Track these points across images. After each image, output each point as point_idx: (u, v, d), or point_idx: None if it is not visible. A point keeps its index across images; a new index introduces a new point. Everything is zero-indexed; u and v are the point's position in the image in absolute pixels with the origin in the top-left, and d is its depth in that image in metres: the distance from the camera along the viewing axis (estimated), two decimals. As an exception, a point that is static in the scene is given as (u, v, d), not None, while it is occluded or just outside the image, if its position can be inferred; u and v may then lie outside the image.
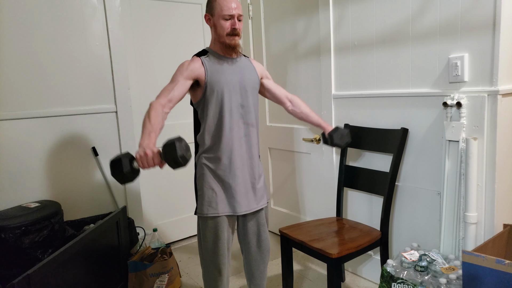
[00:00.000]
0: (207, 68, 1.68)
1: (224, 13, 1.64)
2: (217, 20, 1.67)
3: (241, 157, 1.75)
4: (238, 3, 1.67)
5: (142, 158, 1.41)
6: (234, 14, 1.64)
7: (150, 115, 1.55)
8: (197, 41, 3.00)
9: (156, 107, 1.57)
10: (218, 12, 1.65)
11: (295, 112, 1.97)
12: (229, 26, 1.65)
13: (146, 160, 1.41)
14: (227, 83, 1.69)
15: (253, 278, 1.91)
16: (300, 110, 1.96)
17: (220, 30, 1.67)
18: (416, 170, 1.96)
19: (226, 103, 1.69)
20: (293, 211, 2.89)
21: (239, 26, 1.67)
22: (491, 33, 1.59)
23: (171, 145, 1.39)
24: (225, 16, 1.64)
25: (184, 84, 1.66)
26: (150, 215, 2.87)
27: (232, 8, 1.64)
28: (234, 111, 1.71)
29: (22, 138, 2.22)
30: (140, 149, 1.44)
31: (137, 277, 2.17)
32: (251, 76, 1.78)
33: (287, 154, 2.84)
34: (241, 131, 1.74)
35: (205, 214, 1.72)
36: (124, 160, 1.39)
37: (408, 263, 1.60)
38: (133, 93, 2.70)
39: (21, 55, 2.19)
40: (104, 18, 2.45)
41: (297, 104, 1.97)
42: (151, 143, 1.46)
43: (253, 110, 1.77)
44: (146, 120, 1.54)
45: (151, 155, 1.41)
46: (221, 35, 1.67)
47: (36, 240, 1.87)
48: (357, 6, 2.11)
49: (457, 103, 1.67)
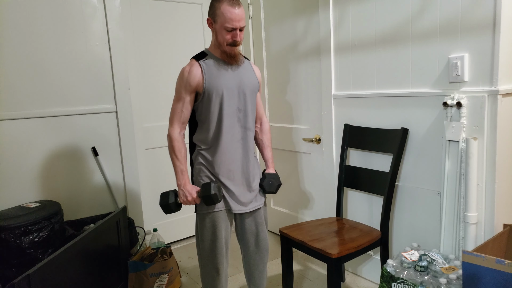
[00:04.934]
0: (205, 73, 1.68)
1: (227, 24, 1.62)
2: (219, 29, 1.65)
3: (237, 160, 1.76)
4: (242, 15, 1.64)
5: (185, 202, 1.73)
6: (237, 27, 1.63)
7: (175, 150, 1.72)
8: (197, 41, 3.00)
9: (176, 138, 1.72)
10: (221, 22, 1.63)
11: (256, 135, 1.94)
12: (230, 38, 1.65)
13: (187, 200, 1.71)
14: (226, 87, 1.70)
15: (253, 277, 1.91)
16: (261, 137, 1.94)
17: (221, 39, 1.66)
18: (416, 170, 1.96)
19: (224, 107, 1.70)
20: (293, 211, 2.89)
21: (240, 37, 1.66)
22: (491, 33, 1.59)
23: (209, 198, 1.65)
24: (228, 28, 1.63)
25: (189, 100, 1.72)
26: (150, 215, 2.87)
27: (236, 20, 1.62)
28: (231, 115, 1.72)
29: (22, 138, 2.22)
30: (180, 192, 1.72)
31: (137, 277, 2.17)
32: (250, 80, 1.78)
33: (287, 154, 2.84)
34: (238, 134, 1.76)
35: (205, 211, 1.72)
36: (171, 205, 1.72)
37: (408, 263, 1.60)
38: (133, 93, 2.70)
39: (21, 55, 2.19)
40: (104, 18, 2.45)
41: (264, 130, 1.94)
42: (187, 184, 1.72)
43: (250, 114, 1.78)
44: (173, 156, 1.72)
45: (192, 200, 1.71)
46: (222, 44, 1.67)
47: (36, 240, 1.87)
48: (357, 6, 2.11)
49: (457, 103, 1.67)
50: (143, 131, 2.78)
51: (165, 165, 2.90)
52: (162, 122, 2.86)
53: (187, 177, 1.72)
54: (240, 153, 1.77)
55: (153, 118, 2.82)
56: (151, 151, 2.83)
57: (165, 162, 2.90)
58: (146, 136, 2.80)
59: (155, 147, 2.85)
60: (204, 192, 1.64)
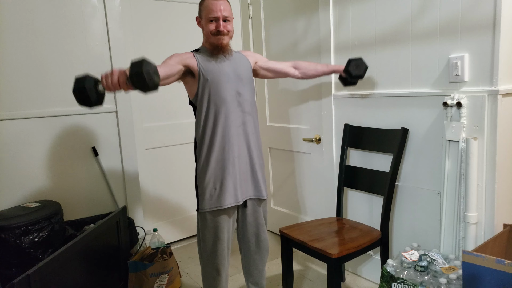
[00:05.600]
0: (198, 59, 1.73)
1: (209, 15, 1.70)
2: (205, 23, 1.74)
3: (239, 146, 1.76)
4: (225, 5, 1.71)
5: (107, 77, 1.34)
6: (218, 16, 1.69)
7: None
8: (196, 41, 3.00)
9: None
10: (205, 15, 1.72)
11: (306, 75, 2.02)
12: (214, 28, 1.71)
13: (111, 79, 1.33)
14: (221, 73, 1.73)
15: (252, 277, 1.91)
16: (309, 70, 2.00)
17: (207, 31, 1.74)
18: (416, 170, 1.96)
19: (221, 91, 1.72)
20: (293, 211, 2.89)
21: (225, 27, 1.71)
22: (491, 33, 1.59)
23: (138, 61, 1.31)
24: (210, 18, 1.70)
25: (175, 66, 1.65)
26: (150, 215, 2.87)
27: (217, 10, 1.69)
28: (230, 100, 1.74)
29: (22, 138, 2.22)
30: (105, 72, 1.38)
31: (137, 277, 2.17)
32: (244, 66, 1.82)
33: (287, 154, 2.84)
34: (239, 119, 1.76)
35: (207, 209, 1.72)
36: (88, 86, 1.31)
37: (408, 263, 1.60)
38: (133, 93, 2.70)
39: (21, 55, 2.19)
40: (104, 18, 2.45)
41: (303, 67, 2.00)
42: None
43: (249, 98, 1.80)
44: None
45: (117, 73, 1.34)
46: (208, 36, 1.74)
47: (36, 240, 1.87)
48: (357, 6, 2.11)
49: (457, 103, 1.67)
50: (143, 131, 2.78)
51: (165, 165, 2.90)
52: (162, 122, 2.86)
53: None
54: (243, 138, 1.78)
55: (153, 118, 2.82)
56: (151, 151, 2.83)
57: (165, 162, 2.90)
58: (146, 136, 2.80)
59: (155, 147, 2.85)
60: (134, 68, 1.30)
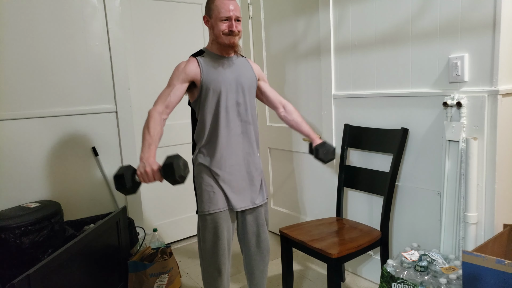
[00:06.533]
0: (202, 67, 1.71)
1: (221, 15, 1.67)
2: (215, 22, 1.70)
3: (237, 155, 1.76)
4: (236, 5, 1.69)
5: (143, 175, 1.48)
6: (231, 16, 1.67)
7: (149, 125, 1.59)
8: (197, 41, 3.00)
9: (154, 116, 1.62)
10: (215, 15, 1.68)
11: (286, 119, 1.97)
12: (226, 27, 1.68)
13: (147, 177, 1.48)
14: (223, 81, 1.71)
15: (253, 278, 1.91)
16: (292, 117, 1.96)
17: (217, 31, 1.70)
18: (416, 170, 1.96)
19: (222, 101, 1.71)
20: (293, 211, 2.89)
21: (237, 27, 1.69)
22: (491, 33, 1.59)
23: (170, 165, 1.44)
24: (222, 18, 1.67)
25: (180, 88, 1.69)
26: (150, 215, 2.87)
27: (230, 10, 1.67)
28: (230, 109, 1.73)
29: (22, 138, 2.22)
30: (141, 164, 1.50)
31: (137, 277, 2.17)
32: (247, 75, 1.80)
33: (287, 154, 2.84)
34: (238, 128, 1.76)
35: (206, 212, 1.72)
36: (126, 176, 1.46)
37: (408, 263, 1.60)
38: (133, 93, 2.70)
39: (21, 55, 2.19)
40: (104, 18, 2.45)
41: (290, 111, 1.97)
42: (151, 157, 1.52)
43: (249, 108, 1.79)
44: (145, 131, 1.59)
45: (151, 173, 1.47)
46: (219, 36, 1.70)
47: (36, 240, 1.87)
48: (357, 6, 2.11)
49: (457, 103, 1.67)
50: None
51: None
52: (162, 122, 2.86)
53: (155, 153, 1.55)
54: (241, 148, 1.77)
55: (153, 118, 2.82)
56: (151, 151, 2.83)
57: (165, 162, 2.90)
58: (146, 136, 2.79)
59: (155, 147, 2.84)
60: (167, 160, 1.45)
